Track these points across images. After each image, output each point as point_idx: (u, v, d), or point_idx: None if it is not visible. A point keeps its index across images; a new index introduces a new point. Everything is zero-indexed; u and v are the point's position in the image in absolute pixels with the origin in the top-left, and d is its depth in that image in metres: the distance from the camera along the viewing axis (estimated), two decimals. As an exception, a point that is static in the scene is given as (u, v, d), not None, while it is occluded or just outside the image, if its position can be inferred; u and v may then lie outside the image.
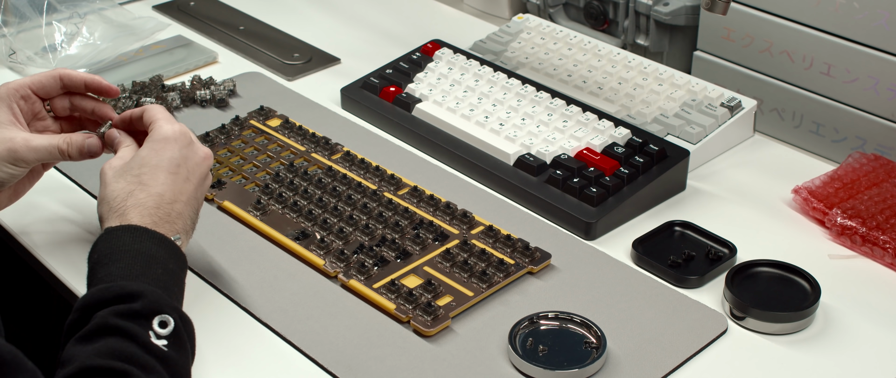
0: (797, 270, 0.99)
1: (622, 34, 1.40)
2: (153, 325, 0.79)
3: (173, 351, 0.80)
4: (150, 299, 0.80)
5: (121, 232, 0.86)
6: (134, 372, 0.75)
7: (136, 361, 0.76)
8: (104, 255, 0.85)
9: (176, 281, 0.86)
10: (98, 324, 0.78)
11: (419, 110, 1.24)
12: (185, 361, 0.81)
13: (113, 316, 0.79)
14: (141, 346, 0.78)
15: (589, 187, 1.09)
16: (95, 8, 1.47)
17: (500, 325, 0.94)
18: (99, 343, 0.77)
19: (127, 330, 0.78)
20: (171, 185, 0.91)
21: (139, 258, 0.84)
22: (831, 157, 1.21)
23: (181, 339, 0.81)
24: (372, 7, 1.60)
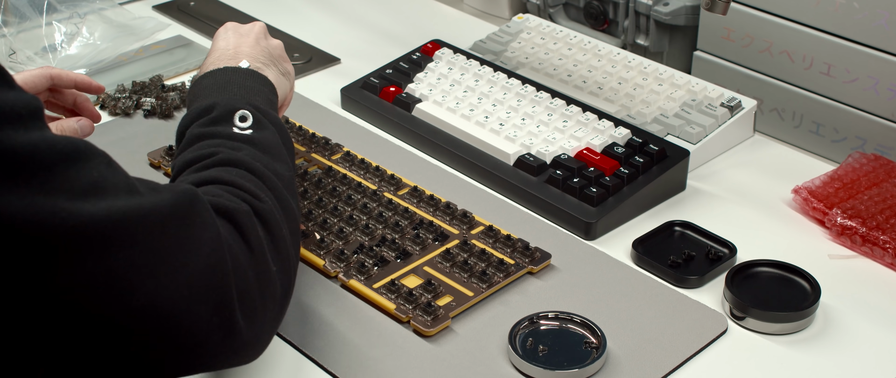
0: (797, 270, 0.99)
1: (622, 34, 1.40)
2: (234, 121, 0.89)
3: (257, 133, 0.89)
4: (223, 105, 0.90)
5: (199, 79, 0.96)
6: (221, 150, 0.85)
7: (223, 146, 0.86)
8: (192, 96, 0.95)
9: (255, 91, 0.94)
10: (188, 137, 0.89)
11: (419, 110, 1.24)
12: (273, 138, 0.90)
13: (198, 127, 0.89)
14: (226, 137, 0.88)
15: (589, 187, 1.09)
16: (95, 8, 1.47)
17: (500, 325, 0.94)
18: (191, 148, 0.87)
19: (211, 132, 0.88)
20: (229, 40, 1.02)
21: (215, 86, 0.94)
22: (831, 157, 1.21)
23: (263, 124, 0.90)
24: (372, 7, 1.60)
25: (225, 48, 1.01)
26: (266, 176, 0.85)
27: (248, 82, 0.95)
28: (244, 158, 0.85)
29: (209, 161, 0.85)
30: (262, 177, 0.84)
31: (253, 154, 0.86)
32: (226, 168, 0.84)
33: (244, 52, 1.00)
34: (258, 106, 0.92)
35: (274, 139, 0.90)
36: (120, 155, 1.18)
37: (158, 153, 1.18)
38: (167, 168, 1.16)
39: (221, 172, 0.83)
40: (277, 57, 1.04)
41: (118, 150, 1.20)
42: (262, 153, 0.87)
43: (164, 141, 1.20)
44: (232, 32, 1.04)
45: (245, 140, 0.88)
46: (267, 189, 0.84)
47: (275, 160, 0.88)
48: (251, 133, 0.89)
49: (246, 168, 0.84)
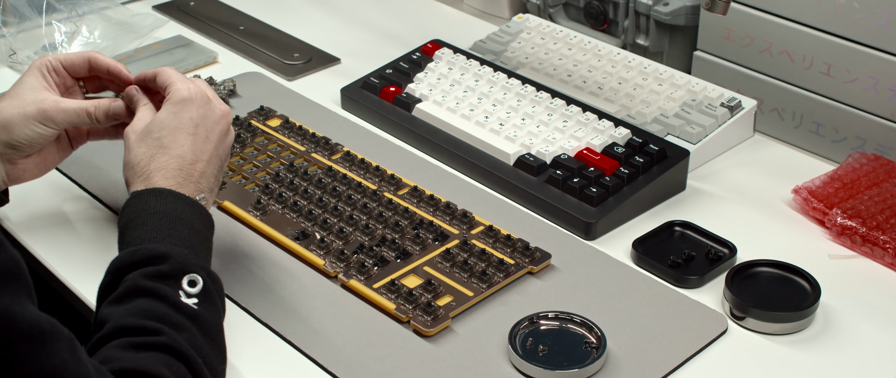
0: (797, 270, 0.99)
1: (622, 34, 1.40)
2: (182, 284, 0.82)
3: (203, 308, 0.82)
4: (177, 260, 0.83)
5: (147, 195, 0.89)
6: (166, 330, 0.78)
7: (167, 320, 0.79)
8: (131, 218, 0.88)
9: (202, 240, 0.89)
10: (129, 286, 0.81)
11: (419, 110, 1.24)
12: (216, 318, 0.84)
13: (142, 277, 0.81)
14: (171, 306, 0.80)
15: (589, 187, 1.09)
16: (94, 7, 1.47)
17: (500, 325, 0.94)
18: (130, 304, 0.80)
19: (157, 291, 0.81)
20: (191, 145, 0.93)
21: (165, 220, 0.87)
22: (831, 157, 1.21)
23: (211, 296, 0.83)
24: (372, 7, 1.60)
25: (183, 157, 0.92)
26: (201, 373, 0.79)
27: (198, 224, 0.89)
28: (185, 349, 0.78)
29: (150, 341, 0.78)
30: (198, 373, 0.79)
31: (194, 341, 0.80)
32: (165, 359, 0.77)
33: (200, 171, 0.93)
34: (208, 270, 0.85)
35: (216, 320, 0.84)
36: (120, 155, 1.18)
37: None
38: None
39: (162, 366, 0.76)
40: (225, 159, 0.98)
41: (118, 149, 1.20)
42: (203, 338, 0.81)
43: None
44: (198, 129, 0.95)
45: (191, 315, 0.81)
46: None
47: (212, 348, 0.82)
48: (197, 307, 0.82)
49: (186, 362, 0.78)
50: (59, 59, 1.04)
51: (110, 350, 0.77)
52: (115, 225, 0.93)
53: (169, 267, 0.82)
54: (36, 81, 1.02)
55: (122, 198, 0.92)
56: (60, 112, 1.00)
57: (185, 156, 0.93)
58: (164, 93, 0.97)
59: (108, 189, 1.14)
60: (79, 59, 1.05)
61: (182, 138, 0.93)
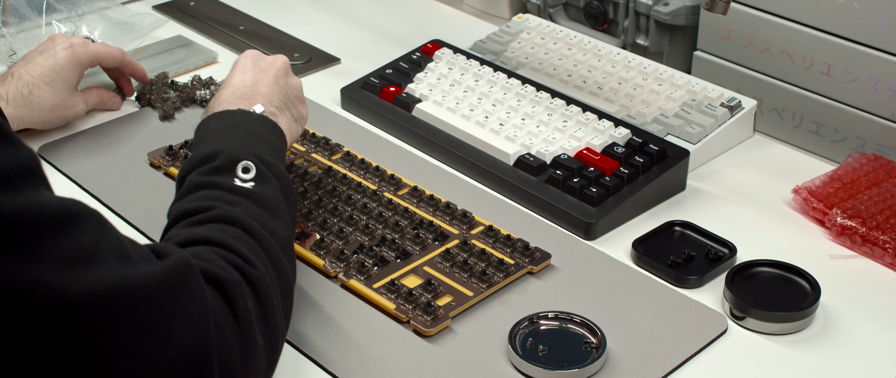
0: (797, 270, 0.99)
1: (622, 34, 1.40)
2: (237, 172, 0.87)
3: (259, 187, 0.87)
4: (227, 154, 0.88)
5: (208, 119, 0.95)
6: (218, 205, 0.83)
7: (220, 199, 0.84)
8: (198, 138, 0.94)
9: (263, 140, 0.93)
10: (188, 184, 0.88)
11: (419, 110, 1.24)
12: (275, 193, 0.88)
13: (198, 174, 0.87)
14: (225, 189, 0.85)
15: (589, 187, 1.09)
16: (94, 7, 1.47)
17: (500, 325, 0.94)
18: (189, 197, 0.86)
19: (211, 182, 0.86)
20: (247, 74, 1.01)
21: (222, 130, 0.92)
22: (831, 157, 1.21)
23: (266, 178, 0.88)
24: (372, 7, 1.60)
25: (241, 84, 0.99)
26: (261, 236, 0.82)
27: (258, 129, 0.93)
28: (240, 216, 0.82)
29: (204, 216, 0.82)
30: (258, 237, 0.81)
31: (251, 211, 0.84)
32: (221, 226, 0.81)
33: (260, 93, 0.99)
34: (263, 157, 0.89)
35: (274, 195, 0.88)
36: (120, 155, 1.18)
37: (158, 153, 1.18)
38: (167, 168, 1.16)
39: (216, 231, 0.80)
40: (294, 98, 1.04)
41: (118, 150, 1.20)
42: (261, 210, 0.85)
43: (164, 141, 1.20)
44: (251, 66, 1.03)
45: (245, 194, 0.85)
46: (261, 252, 0.81)
47: (273, 218, 0.85)
48: (252, 186, 0.86)
49: (242, 227, 0.81)
50: (98, 52, 1.21)
51: (171, 234, 0.82)
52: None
53: (221, 161, 0.87)
54: (76, 78, 1.20)
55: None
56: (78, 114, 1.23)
57: (244, 82, 1.00)
58: None
59: (116, 197, 1.14)
60: (111, 59, 1.23)
61: (239, 74, 1.01)
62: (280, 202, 0.88)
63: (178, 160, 1.16)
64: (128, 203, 1.11)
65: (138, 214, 1.09)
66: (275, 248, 0.82)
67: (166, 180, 1.15)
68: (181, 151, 1.17)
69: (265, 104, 0.97)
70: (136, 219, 1.08)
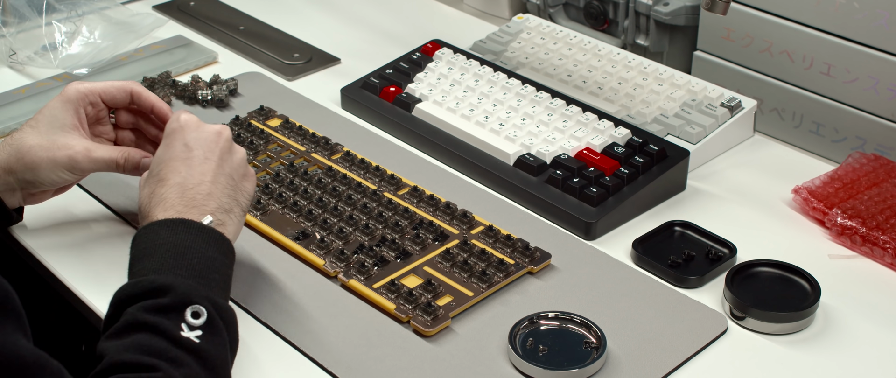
0: (797, 270, 0.99)
1: (622, 34, 1.40)
2: (186, 316, 0.78)
3: (207, 341, 0.79)
4: (179, 292, 0.79)
5: (156, 226, 0.86)
6: (162, 366, 0.75)
7: (164, 356, 0.76)
8: (139, 250, 0.85)
9: (216, 267, 0.85)
10: (127, 320, 0.78)
11: (419, 110, 1.24)
12: (222, 351, 0.80)
13: (142, 311, 0.78)
14: (170, 341, 0.77)
15: (589, 187, 1.09)
16: (94, 7, 1.47)
17: (500, 325, 0.94)
18: (128, 339, 0.77)
19: (155, 325, 0.77)
20: (187, 170, 0.90)
21: (172, 250, 0.83)
22: (831, 157, 1.21)
23: (216, 329, 0.80)
24: (372, 7, 1.60)
25: (183, 184, 0.89)
26: None
27: (210, 252, 0.85)
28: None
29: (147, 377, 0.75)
30: None
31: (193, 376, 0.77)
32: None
33: (207, 192, 0.89)
34: (215, 300, 0.81)
35: (221, 353, 0.80)
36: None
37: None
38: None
39: None
40: (239, 179, 0.94)
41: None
42: (204, 371, 0.78)
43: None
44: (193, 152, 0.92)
45: (191, 349, 0.78)
46: None
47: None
48: (200, 340, 0.78)
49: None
50: (98, 92, 1.02)
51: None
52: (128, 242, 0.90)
53: (170, 300, 0.79)
54: (69, 119, 1.00)
55: None
56: (90, 162, 0.99)
57: (185, 181, 0.89)
58: None
59: (120, 200, 1.13)
60: (120, 94, 1.03)
61: (177, 165, 0.90)
62: (225, 363, 0.81)
63: None
64: (128, 203, 1.11)
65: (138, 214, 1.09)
66: None
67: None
68: (181, 151, 1.17)
69: (214, 210, 0.89)
70: (136, 219, 1.08)
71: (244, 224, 0.99)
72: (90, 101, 1.02)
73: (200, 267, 0.83)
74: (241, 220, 0.93)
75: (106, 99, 1.03)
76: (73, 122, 1.00)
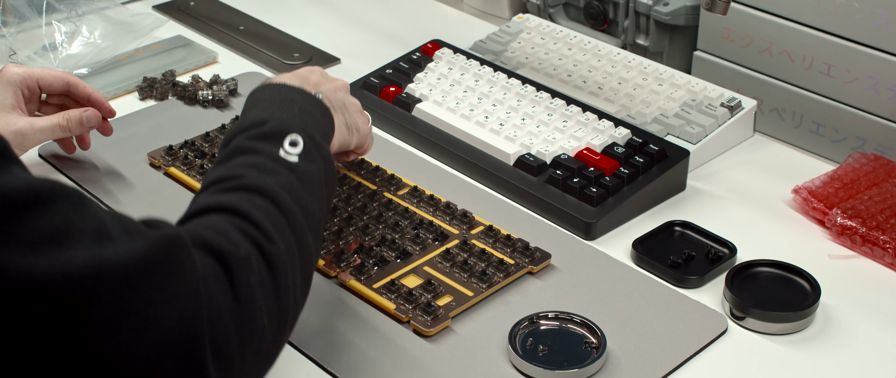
0: (797, 270, 0.99)
1: (622, 34, 1.40)
2: (284, 144, 0.83)
3: (303, 162, 0.83)
4: (277, 123, 0.84)
5: (263, 87, 0.92)
6: (253, 174, 0.79)
7: (259, 167, 0.80)
8: (247, 105, 0.91)
9: (314, 121, 0.90)
10: (232, 148, 0.84)
11: (419, 110, 1.24)
12: (317, 174, 0.84)
13: (244, 138, 0.84)
14: (267, 157, 0.82)
15: (589, 187, 1.09)
16: (94, 7, 1.47)
17: (500, 325, 0.94)
18: (231, 161, 0.82)
19: (256, 148, 0.83)
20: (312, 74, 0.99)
21: (276, 101, 0.89)
22: (831, 157, 1.21)
23: (312, 156, 0.84)
24: (372, 7, 1.60)
25: (305, 76, 0.97)
26: (291, 212, 0.78)
27: (311, 109, 0.91)
28: (273, 188, 0.79)
29: (235, 184, 0.79)
30: (287, 212, 0.78)
31: (287, 183, 0.80)
32: (249, 196, 0.77)
33: (316, 82, 0.97)
34: (313, 135, 0.86)
35: (316, 174, 0.84)
36: (120, 155, 1.18)
37: (159, 153, 1.18)
38: (167, 168, 1.16)
39: (242, 201, 0.77)
40: (353, 110, 1.02)
41: (118, 150, 1.20)
42: (299, 184, 0.81)
43: (164, 141, 1.20)
44: (318, 73, 1.00)
45: (287, 166, 0.82)
46: (287, 228, 0.77)
47: (309, 195, 0.82)
48: (296, 161, 0.83)
49: (272, 200, 0.78)
50: (36, 77, 1.10)
51: (200, 198, 0.79)
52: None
53: (270, 128, 0.84)
54: (9, 99, 1.07)
55: None
56: (36, 132, 1.08)
57: (308, 77, 0.97)
58: None
59: (110, 189, 1.14)
60: (57, 82, 1.11)
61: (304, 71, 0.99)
62: (320, 182, 0.85)
63: (177, 160, 1.16)
64: (128, 203, 1.11)
65: (138, 214, 1.09)
66: (302, 226, 0.79)
67: (166, 180, 1.15)
68: (181, 151, 1.17)
69: (325, 94, 0.95)
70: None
71: None
72: (28, 85, 1.09)
73: (302, 116, 0.88)
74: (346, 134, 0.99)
75: (43, 85, 1.11)
76: (12, 102, 1.07)
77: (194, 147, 1.18)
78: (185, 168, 1.15)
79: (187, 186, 1.14)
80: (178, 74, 1.37)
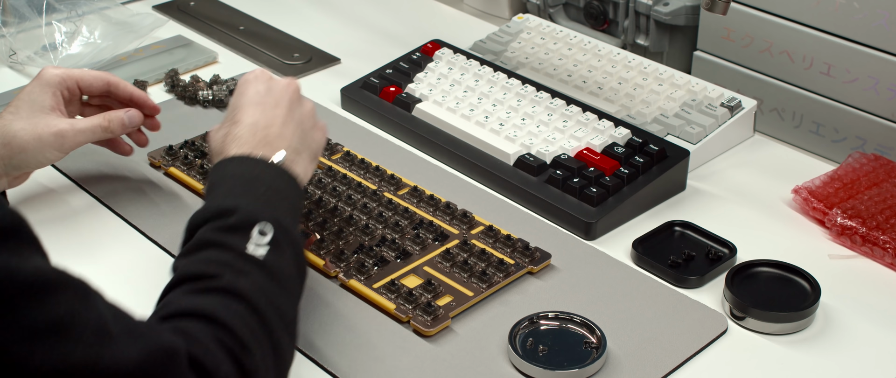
0: (797, 270, 0.99)
1: (622, 34, 1.40)
2: (251, 235, 0.81)
3: (272, 257, 0.81)
4: (245, 211, 0.82)
5: (226, 162, 0.89)
6: (226, 274, 0.78)
7: (230, 266, 0.79)
8: (211, 184, 0.88)
9: (282, 197, 0.87)
10: (198, 239, 0.82)
11: (419, 110, 1.24)
12: (288, 267, 0.82)
13: (211, 231, 0.82)
14: (237, 255, 0.80)
15: (589, 187, 1.09)
16: (94, 7, 1.47)
17: (500, 325, 0.94)
18: (198, 255, 0.81)
19: (223, 242, 0.81)
20: (261, 113, 0.93)
21: (240, 180, 0.87)
22: (831, 157, 1.21)
23: (281, 247, 0.82)
24: (372, 7, 1.60)
25: (255, 124, 0.92)
26: (266, 317, 0.77)
27: (278, 184, 0.88)
28: (248, 291, 0.77)
29: (210, 284, 0.77)
30: (263, 317, 0.77)
31: (260, 284, 0.78)
32: (225, 301, 0.76)
33: (278, 134, 0.92)
34: (281, 221, 0.83)
35: (288, 268, 0.82)
36: (120, 155, 1.18)
37: (158, 153, 1.18)
38: (167, 168, 1.16)
39: (218, 306, 0.75)
40: (309, 129, 0.97)
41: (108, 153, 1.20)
42: (271, 284, 0.80)
43: (164, 141, 1.20)
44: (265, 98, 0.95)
45: (257, 264, 0.80)
46: (262, 335, 0.76)
47: (282, 294, 0.80)
48: (265, 255, 0.81)
49: (247, 304, 0.76)
50: (76, 78, 1.06)
51: (173, 297, 0.78)
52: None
53: (237, 219, 0.82)
54: (48, 101, 1.04)
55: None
56: (77, 133, 1.04)
57: (257, 123, 0.92)
58: None
59: (109, 191, 1.14)
60: (97, 83, 1.08)
61: (250, 110, 0.93)
62: (292, 276, 0.83)
63: (178, 160, 1.16)
64: (128, 203, 1.11)
65: (138, 214, 1.09)
66: (278, 330, 0.78)
67: (166, 180, 1.15)
68: (181, 151, 1.17)
69: (286, 148, 0.92)
70: (137, 219, 1.08)
71: None
72: (67, 86, 1.06)
73: (268, 195, 0.86)
74: (311, 167, 0.96)
75: (83, 86, 1.07)
76: (52, 103, 1.04)
77: (194, 147, 1.18)
78: (185, 168, 1.15)
79: (187, 186, 1.14)
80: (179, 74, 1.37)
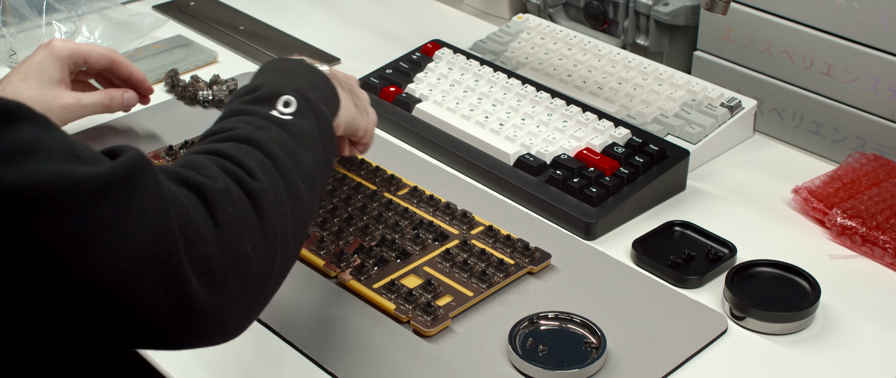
0: (797, 270, 0.99)
1: (622, 34, 1.40)
2: (277, 105, 0.84)
3: (295, 119, 0.84)
4: (270, 86, 0.86)
5: (266, 63, 0.94)
6: (243, 126, 0.81)
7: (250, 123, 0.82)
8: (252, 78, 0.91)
9: (312, 86, 0.90)
10: (226, 110, 0.86)
11: (419, 110, 1.24)
12: (310, 130, 0.85)
13: (237, 102, 0.86)
14: (259, 116, 0.83)
15: (589, 187, 1.09)
16: (94, 7, 1.47)
17: (500, 325, 0.94)
18: (222, 122, 0.84)
19: (248, 109, 0.84)
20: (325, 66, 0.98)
21: (275, 71, 0.91)
22: (831, 157, 1.21)
23: (304, 113, 0.85)
24: (372, 7, 1.60)
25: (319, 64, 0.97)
26: (279, 160, 0.79)
27: (311, 77, 0.91)
28: (262, 139, 0.80)
29: (223, 135, 0.80)
30: (275, 159, 0.79)
31: (277, 136, 0.81)
32: (236, 144, 0.79)
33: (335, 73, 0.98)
34: (307, 96, 0.86)
35: (310, 129, 0.85)
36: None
37: (159, 153, 1.18)
38: (167, 168, 1.16)
39: (228, 147, 0.78)
40: (362, 100, 1.02)
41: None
42: (290, 138, 0.82)
43: (164, 141, 1.20)
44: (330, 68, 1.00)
45: (278, 123, 0.83)
46: (274, 171, 0.78)
47: (300, 148, 0.82)
48: (288, 119, 0.84)
49: (259, 148, 0.79)
50: (83, 53, 1.13)
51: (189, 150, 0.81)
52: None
53: (264, 91, 0.85)
54: (57, 73, 1.11)
55: None
56: (81, 108, 1.13)
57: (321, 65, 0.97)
58: None
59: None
60: (102, 60, 1.15)
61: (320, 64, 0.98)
62: (313, 137, 0.85)
63: (177, 160, 1.16)
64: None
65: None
66: (292, 174, 0.80)
67: (166, 180, 1.15)
68: (181, 151, 1.17)
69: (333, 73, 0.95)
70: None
71: None
72: (75, 61, 1.13)
73: (299, 82, 0.89)
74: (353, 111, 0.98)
75: (90, 62, 1.14)
76: (60, 76, 1.11)
77: (194, 147, 1.18)
78: (185, 168, 1.15)
79: (187, 186, 1.14)
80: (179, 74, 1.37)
